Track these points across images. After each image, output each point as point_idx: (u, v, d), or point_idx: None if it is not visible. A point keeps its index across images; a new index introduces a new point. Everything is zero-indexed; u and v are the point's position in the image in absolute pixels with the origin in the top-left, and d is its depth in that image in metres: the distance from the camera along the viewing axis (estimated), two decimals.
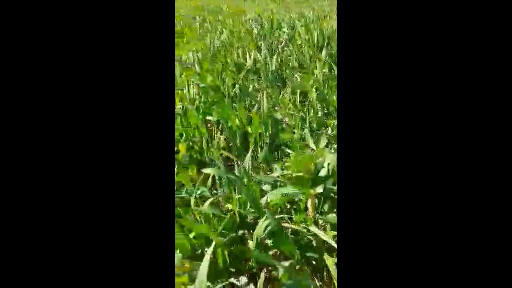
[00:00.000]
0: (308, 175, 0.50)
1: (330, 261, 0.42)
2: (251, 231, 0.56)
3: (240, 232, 0.54)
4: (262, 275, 0.42)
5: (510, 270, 0.25)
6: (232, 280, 0.45)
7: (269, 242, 0.51)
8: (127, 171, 0.28)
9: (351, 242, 0.27)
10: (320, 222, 0.55)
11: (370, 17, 0.28)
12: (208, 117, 0.96)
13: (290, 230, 0.53)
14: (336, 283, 0.43)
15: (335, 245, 0.44)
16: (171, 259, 0.28)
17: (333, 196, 0.54)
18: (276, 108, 0.93)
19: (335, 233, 0.53)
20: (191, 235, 0.50)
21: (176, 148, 0.75)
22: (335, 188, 0.53)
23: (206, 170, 0.54)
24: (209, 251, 0.40)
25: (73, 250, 0.26)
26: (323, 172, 0.50)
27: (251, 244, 0.48)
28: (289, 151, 0.74)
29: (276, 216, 0.52)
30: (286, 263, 0.40)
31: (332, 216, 0.50)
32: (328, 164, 0.50)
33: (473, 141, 0.26)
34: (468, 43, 0.27)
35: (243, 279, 0.43)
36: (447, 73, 0.27)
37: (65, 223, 0.27)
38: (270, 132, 0.84)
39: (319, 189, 0.50)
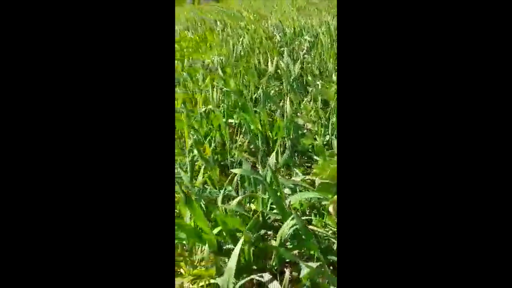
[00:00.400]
0: (333, 181, 0.51)
1: None
2: (272, 232, 0.58)
3: (262, 232, 0.56)
4: (287, 273, 0.43)
5: (510, 270, 0.25)
6: (255, 276, 0.46)
7: (288, 244, 0.52)
8: (130, 170, 0.28)
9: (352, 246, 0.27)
10: None
11: (370, 19, 0.28)
12: (230, 120, 1.00)
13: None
14: None
15: None
16: (171, 260, 0.28)
17: None
18: (298, 114, 0.95)
19: None
20: (215, 231, 0.52)
21: (202, 148, 0.78)
22: None
23: (235, 170, 0.56)
24: (238, 246, 0.42)
25: (72, 248, 0.26)
26: None
27: (273, 244, 0.50)
28: (316, 158, 0.76)
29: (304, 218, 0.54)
30: (313, 264, 0.42)
31: None
32: None
33: (474, 145, 0.26)
34: (468, 44, 0.27)
35: (267, 276, 0.45)
36: (452, 77, 0.27)
37: (67, 224, 0.26)
38: (291, 137, 0.86)
39: None
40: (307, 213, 0.61)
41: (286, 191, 0.65)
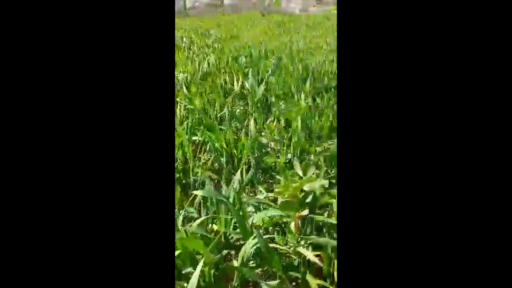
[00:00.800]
0: (294, 199, 0.53)
1: (314, 282, 0.44)
2: (235, 252, 0.57)
3: (225, 252, 0.56)
4: None
5: (510, 270, 0.25)
6: None
7: (251, 263, 0.52)
8: (129, 176, 0.28)
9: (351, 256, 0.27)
10: (302, 243, 0.58)
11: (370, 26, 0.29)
12: (193, 138, 0.99)
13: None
14: None
15: (321, 264, 0.47)
16: (171, 262, 0.29)
17: (316, 219, 0.57)
18: (262, 133, 0.97)
19: (317, 253, 0.56)
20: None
21: None
22: (318, 212, 0.56)
23: (196, 192, 0.56)
24: (198, 269, 0.41)
25: (72, 250, 0.26)
26: (309, 198, 0.54)
27: (235, 263, 0.50)
28: (278, 177, 0.78)
29: (266, 237, 0.54)
30: (273, 282, 0.42)
31: (315, 238, 0.54)
32: (314, 191, 0.54)
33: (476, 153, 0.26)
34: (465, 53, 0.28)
35: None
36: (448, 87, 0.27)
37: (65, 226, 0.27)
38: (256, 155, 0.88)
39: (305, 212, 0.53)
40: (270, 230, 0.62)
41: (251, 209, 0.65)
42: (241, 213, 0.54)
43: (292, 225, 0.58)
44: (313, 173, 0.57)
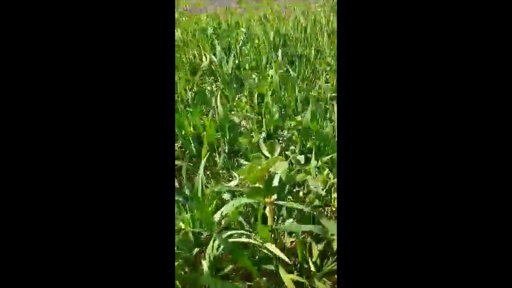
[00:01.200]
0: (262, 184, 0.48)
1: (287, 278, 0.40)
2: (206, 248, 0.53)
3: (196, 250, 0.51)
4: None
5: (510, 270, 0.24)
6: None
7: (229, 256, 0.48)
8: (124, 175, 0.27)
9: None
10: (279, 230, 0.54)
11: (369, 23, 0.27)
12: None
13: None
14: None
15: (288, 261, 0.43)
16: (171, 261, 0.27)
17: (287, 204, 0.52)
18: (232, 112, 0.90)
19: (292, 239, 0.52)
20: None
21: None
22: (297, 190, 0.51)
23: None
24: None
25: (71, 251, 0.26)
26: (276, 181, 0.48)
27: (205, 264, 0.45)
28: (243, 161, 0.72)
29: (233, 231, 0.49)
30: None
31: (289, 224, 0.49)
32: (280, 173, 0.48)
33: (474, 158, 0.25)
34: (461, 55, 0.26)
35: None
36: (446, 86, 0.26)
37: (62, 225, 0.26)
38: (228, 137, 0.81)
39: (273, 197, 0.48)
40: (247, 218, 0.58)
41: (226, 196, 0.61)
42: (204, 210, 0.48)
43: (267, 210, 0.53)
44: (281, 152, 0.51)
